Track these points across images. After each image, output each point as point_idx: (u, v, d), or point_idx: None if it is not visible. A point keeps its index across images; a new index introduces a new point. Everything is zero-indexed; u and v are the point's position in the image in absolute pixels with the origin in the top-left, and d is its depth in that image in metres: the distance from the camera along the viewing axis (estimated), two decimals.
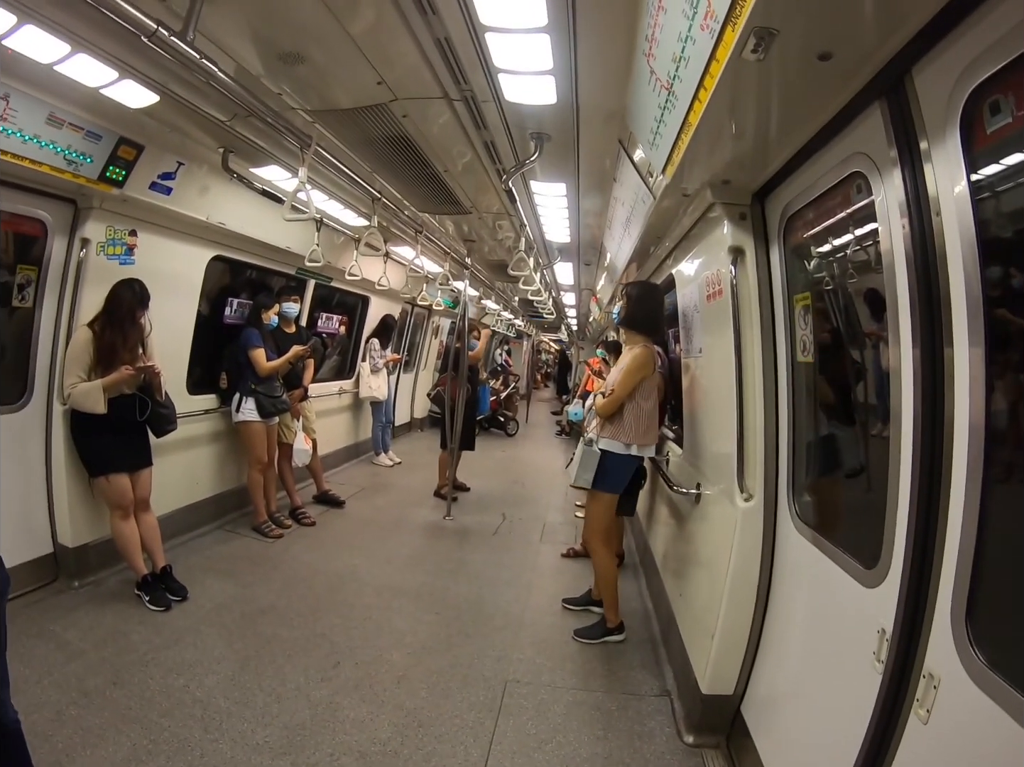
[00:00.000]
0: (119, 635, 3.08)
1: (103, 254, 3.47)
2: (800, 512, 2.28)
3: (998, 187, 1.28)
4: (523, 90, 2.53)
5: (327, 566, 4.24)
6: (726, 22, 1.32)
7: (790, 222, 2.29)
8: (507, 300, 10.85)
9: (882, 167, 1.61)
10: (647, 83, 2.04)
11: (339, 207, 4.45)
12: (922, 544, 1.47)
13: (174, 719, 2.50)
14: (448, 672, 3.03)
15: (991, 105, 1.21)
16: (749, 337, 2.44)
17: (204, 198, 3.79)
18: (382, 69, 2.53)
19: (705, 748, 2.57)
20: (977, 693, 1.23)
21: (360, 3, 2.09)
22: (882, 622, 1.58)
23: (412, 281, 6.54)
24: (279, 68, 2.62)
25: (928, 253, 1.43)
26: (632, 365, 3.18)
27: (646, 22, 1.83)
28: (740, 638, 2.48)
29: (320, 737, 2.48)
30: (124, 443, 3.42)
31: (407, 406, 9.98)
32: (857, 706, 1.63)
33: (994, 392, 1.28)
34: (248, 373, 4.51)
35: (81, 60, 2.35)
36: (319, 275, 5.86)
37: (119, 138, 3.06)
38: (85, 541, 3.59)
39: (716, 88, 1.56)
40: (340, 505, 5.63)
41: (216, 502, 4.84)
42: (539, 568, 4.58)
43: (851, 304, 2.04)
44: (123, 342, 3.27)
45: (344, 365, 7.49)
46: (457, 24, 2.09)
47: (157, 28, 1.90)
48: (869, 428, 2.00)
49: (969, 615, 1.30)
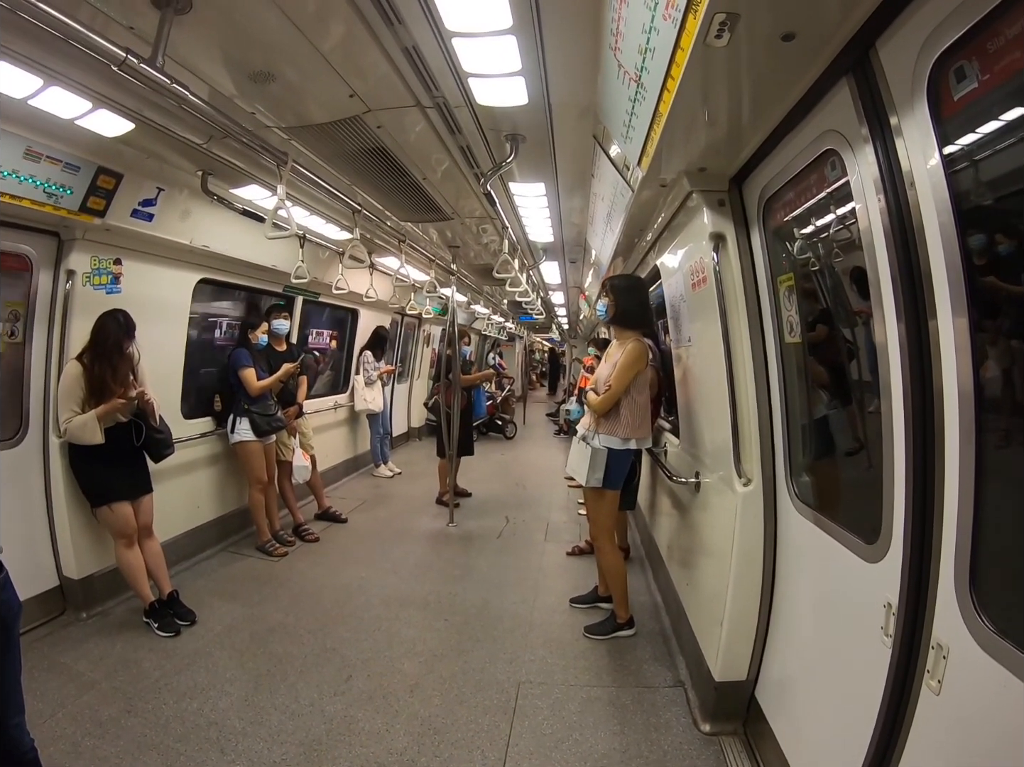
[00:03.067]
0: (130, 663, 3.07)
1: (89, 284, 3.46)
2: (799, 493, 2.29)
3: (970, 154, 1.28)
4: (494, 93, 2.54)
5: (333, 580, 4.23)
6: (687, 9, 1.33)
7: (768, 204, 2.30)
8: (496, 303, 10.85)
9: (854, 143, 1.62)
10: (616, 77, 2.04)
11: (321, 222, 4.45)
12: (921, 515, 1.47)
13: (190, 743, 2.49)
14: (461, 678, 3.03)
15: (956, 72, 1.21)
16: (736, 322, 2.45)
17: (186, 222, 3.79)
18: (353, 81, 2.54)
19: (722, 735, 2.57)
20: (987, 660, 1.23)
21: (327, 18, 2.09)
22: (888, 596, 1.58)
23: (399, 291, 6.54)
24: (251, 87, 2.62)
25: (905, 226, 1.44)
26: (626, 360, 3.18)
27: (610, 16, 1.84)
28: (749, 623, 2.49)
29: (337, 751, 2.48)
30: (124, 471, 3.42)
31: (404, 416, 9.97)
32: (869, 681, 1.64)
33: (982, 361, 1.28)
34: (240, 393, 4.50)
35: (54, 93, 2.36)
36: (306, 291, 5.85)
37: (97, 168, 3.06)
38: (90, 572, 3.58)
39: (683, 76, 1.56)
40: (342, 522, 5.59)
41: (219, 524, 4.83)
42: (545, 568, 4.57)
43: (834, 282, 2.05)
44: (112, 374, 3.25)
45: (338, 380, 7.46)
46: (424, 32, 2.09)
47: (126, 56, 1.90)
48: (860, 405, 2.01)
49: (973, 582, 1.30)
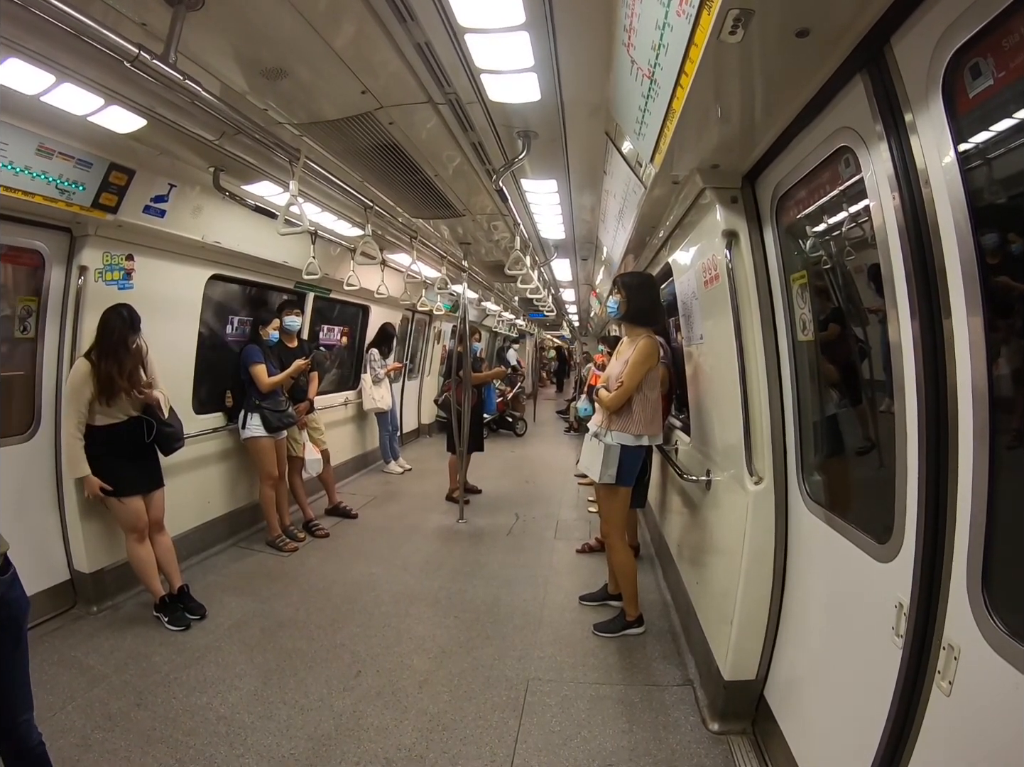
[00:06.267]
0: (140, 657, 3.10)
1: (101, 280, 3.49)
2: (811, 491, 2.27)
3: (985, 152, 1.27)
4: (506, 89, 2.53)
5: (344, 576, 4.25)
6: (702, 5, 1.32)
7: (781, 202, 2.28)
8: (507, 300, 10.84)
9: (868, 140, 1.60)
10: (629, 73, 2.03)
11: (332, 218, 4.45)
12: (933, 515, 1.46)
13: (199, 737, 2.51)
14: (470, 674, 3.03)
15: (971, 69, 1.20)
16: (748, 320, 2.44)
17: (198, 218, 3.81)
18: (365, 78, 2.53)
19: (731, 735, 2.57)
20: (998, 661, 1.22)
21: (339, 15, 2.09)
22: (899, 595, 1.57)
23: (410, 287, 6.55)
24: (263, 84, 2.62)
25: (920, 224, 1.43)
26: (638, 357, 3.17)
27: (623, 12, 1.83)
28: (759, 622, 2.48)
29: (345, 746, 2.49)
30: (136, 466, 3.45)
31: (414, 412, 9.99)
32: (879, 682, 1.63)
33: (996, 359, 1.27)
34: (251, 390, 4.53)
35: (67, 89, 2.37)
36: (317, 287, 5.88)
37: (110, 164, 3.08)
38: (101, 566, 3.62)
39: (697, 72, 1.55)
40: (352, 518, 5.63)
41: (229, 520, 4.87)
42: (555, 566, 4.57)
43: (847, 280, 2.03)
44: (119, 370, 3.27)
45: (348, 376, 7.49)
46: (436, 28, 2.09)
47: (139, 52, 1.90)
48: (873, 403, 1.99)
49: (985, 583, 1.29)
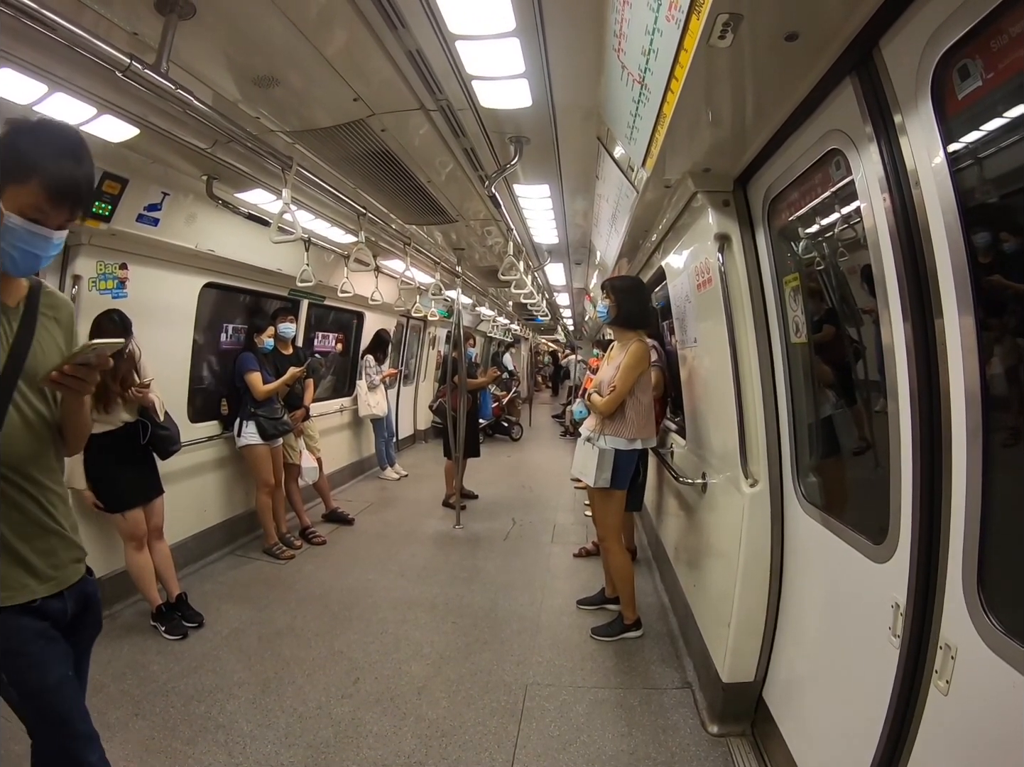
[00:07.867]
0: (138, 666, 3.07)
1: (95, 289, 3.47)
2: (806, 493, 2.28)
3: (975, 152, 1.28)
4: (498, 95, 2.54)
5: (341, 583, 4.23)
6: (691, 10, 1.33)
7: (773, 205, 2.30)
8: (501, 306, 10.86)
9: (858, 142, 1.61)
10: (619, 78, 2.05)
11: (326, 225, 4.46)
12: (928, 515, 1.47)
13: (198, 746, 2.49)
14: (468, 680, 3.02)
15: (960, 70, 1.21)
16: (742, 323, 2.45)
17: (192, 226, 3.80)
18: (357, 85, 2.55)
19: (730, 737, 2.56)
20: (995, 660, 1.22)
21: (330, 22, 2.10)
22: (895, 596, 1.58)
23: (405, 293, 6.55)
24: (255, 92, 2.63)
25: (911, 225, 1.44)
26: (630, 361, 3.17)
27: (613, 18, 1.84)
28: (756, 624, 2.48)
29: (344, 754, 2.48)
30: (136, 476, 3.42)
31: (409, 418, 9.98)
32: (877, 682, 1.63)
33: (988, 359, 1.27)
34: (247, 397, 4.51)
35: (59, 99, 2.36)
36: (312, 294, 5.87)
37: (103, 173, 3.06)
38: (98, 575, 3.56)
39: (687, 77, 1.57)
40: (349, 523, 5.62)
41: (226, 528, 4.84)
42: (552, 570, 4.57)
43: (840, 282, 2.05)
44: (112, 376, 3.24)
45: (343, 383, 7.48)
46: (427, 35, 2.10)
47: (131, 62, 1.91)
48: (867, 404, 2.00)
49: (981, 582, 1.29)
